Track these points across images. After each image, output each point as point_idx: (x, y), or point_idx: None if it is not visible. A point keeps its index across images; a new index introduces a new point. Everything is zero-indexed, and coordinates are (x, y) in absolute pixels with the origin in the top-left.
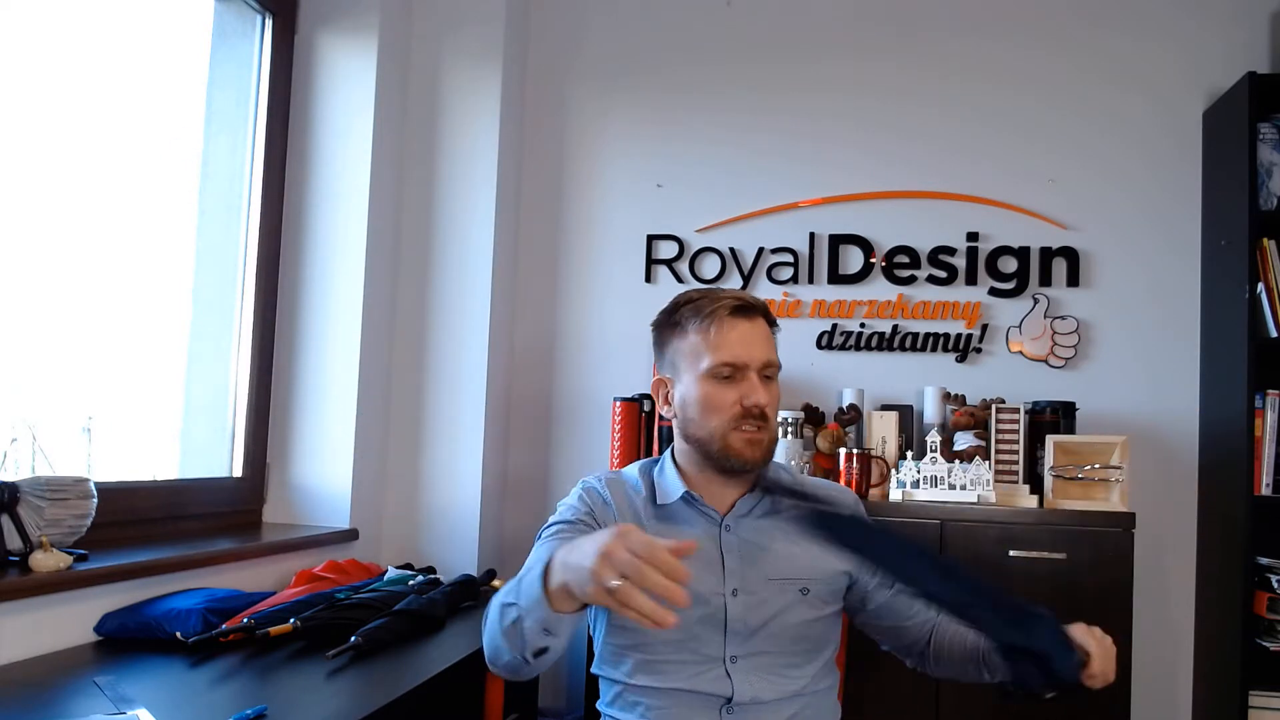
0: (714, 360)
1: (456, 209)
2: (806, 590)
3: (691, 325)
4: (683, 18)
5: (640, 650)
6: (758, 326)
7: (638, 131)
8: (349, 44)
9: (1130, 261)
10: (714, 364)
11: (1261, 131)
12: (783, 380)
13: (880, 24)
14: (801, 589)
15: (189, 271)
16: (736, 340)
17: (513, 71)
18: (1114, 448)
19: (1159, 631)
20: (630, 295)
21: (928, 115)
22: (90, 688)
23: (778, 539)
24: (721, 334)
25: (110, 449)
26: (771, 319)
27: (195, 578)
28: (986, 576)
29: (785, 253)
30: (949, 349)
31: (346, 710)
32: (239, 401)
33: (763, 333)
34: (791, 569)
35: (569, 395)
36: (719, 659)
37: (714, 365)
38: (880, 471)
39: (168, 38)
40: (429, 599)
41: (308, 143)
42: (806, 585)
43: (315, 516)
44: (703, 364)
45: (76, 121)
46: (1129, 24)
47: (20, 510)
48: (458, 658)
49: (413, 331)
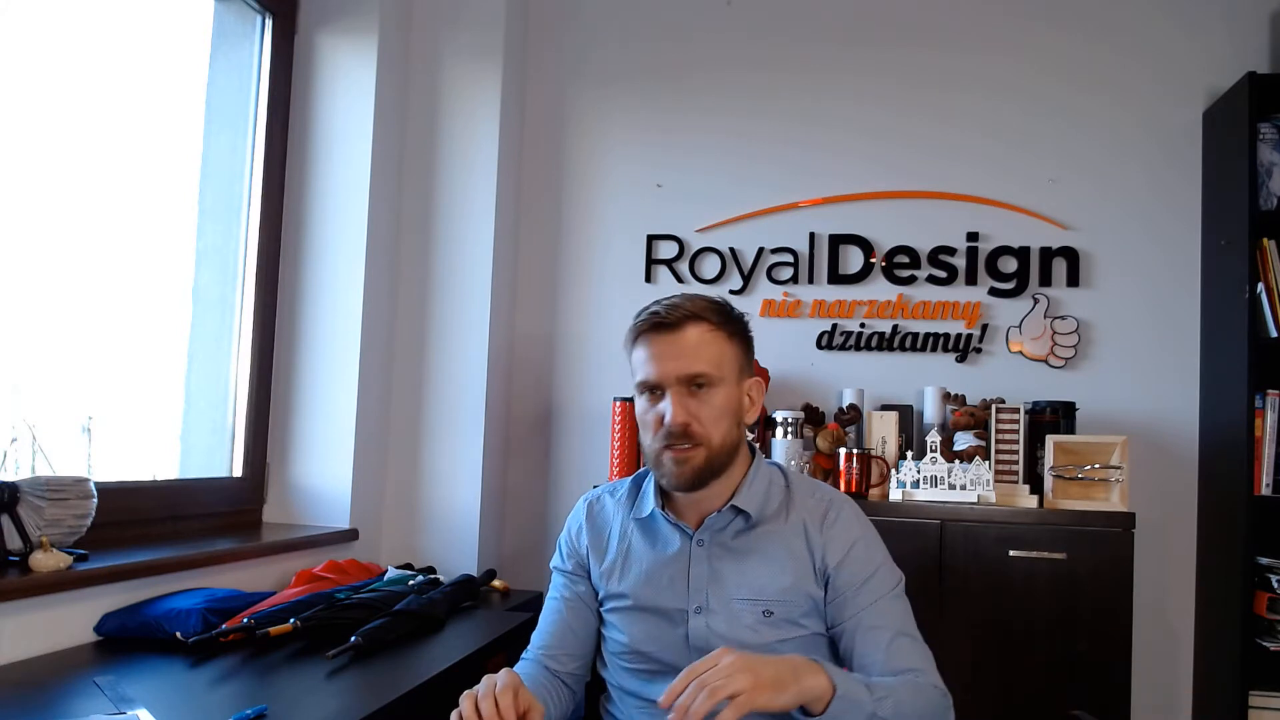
0: (636, 380)
1: (456, 209)
2: (769, 612)
3: (628, 344)
4: (683, 18)
5: (626, 659)
6: (680, 338)
7: (638, 131)
8: (349, 44)
9: (1130, 261)
10: (636, 384)
11: (1261, 131)
12: (783, 380)
13: (881, 23)
14: (764, 610)
15: (189, 271)
16: (652, 357)
17: (513, 71)
18: (1114, 448)
19: (1159, 631)
20: (630, 295)
21: (928, 115)
22: (90, 688)
23: (750, 558)
24: (640, 352)
25: (110, 449)
26: (716, 319)
27: (195, 578)
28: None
29: (785, 253)
30: (949, 349)
31: (346, 710)
32: (239, 401)
33: (686, 344)
34: (755, 589)
35: (569, 395)
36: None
37: (637, 385)
38: (880, 471)
39: (168, 38)
40: (429, 599)
41: (308, 143)
42: (770, 607)
43: (315, 516)
44: (634, 384)
45: (77, 121)
46: (1129, 24)
47: (20, 510)
48: (458, 658)
49: (413, 330)
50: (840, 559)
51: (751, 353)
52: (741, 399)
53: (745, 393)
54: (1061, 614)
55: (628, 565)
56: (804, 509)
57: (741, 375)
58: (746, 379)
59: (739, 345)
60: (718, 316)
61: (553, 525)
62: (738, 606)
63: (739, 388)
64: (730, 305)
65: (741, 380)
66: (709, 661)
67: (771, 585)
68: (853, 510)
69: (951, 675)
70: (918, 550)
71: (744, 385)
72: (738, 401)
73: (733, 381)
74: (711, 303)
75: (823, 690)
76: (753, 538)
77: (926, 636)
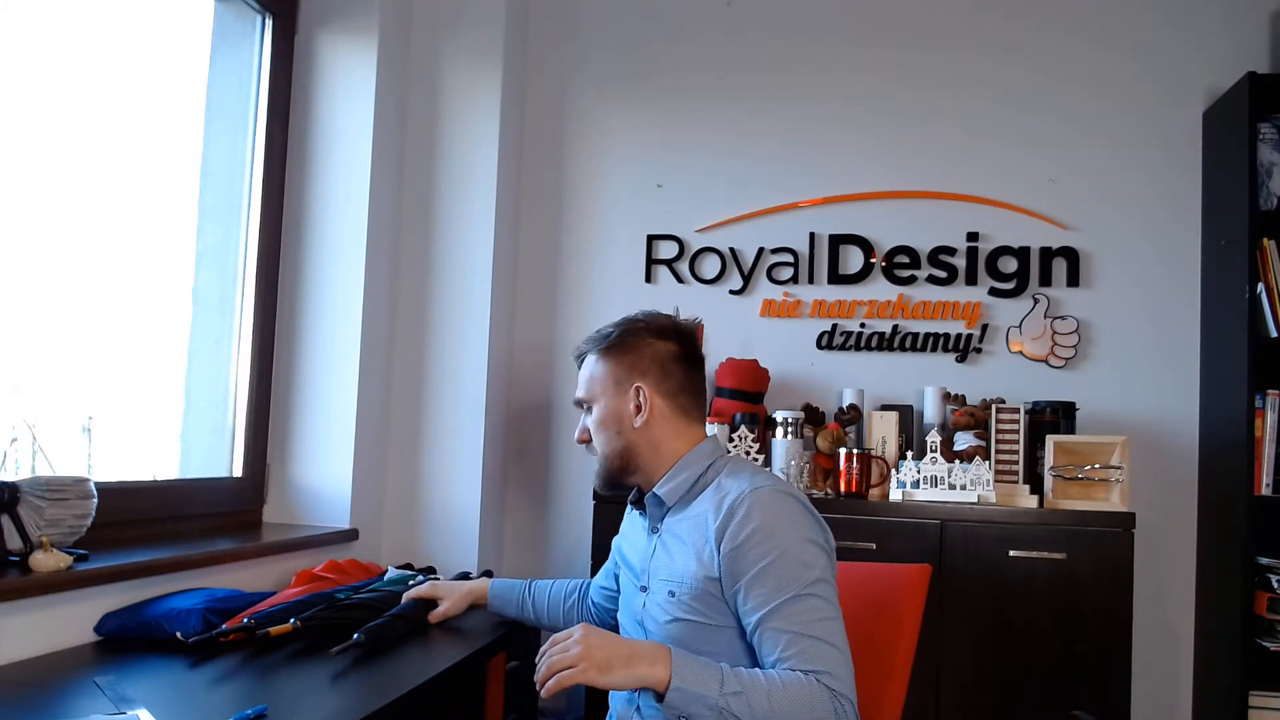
0: None
1: (456, 209)
2: (672, 593)
3: None
4: (683, 18)
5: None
6: (582, 368)
7: (638, 131)
8: (349, 44)
9: (1130, 261)
10: None
11: (1261, 131)
12: (783, 380)
13: (881, 23)
14: (669, 591)
15: (189, 271)
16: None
17: (513, 71)
18: (1114, 448)
19: (1159, 631)
20: (630, 295)
21: (928, 114)
22: (90, 688)
23: (675, 544)
24: None
25: (110, 449)
26: (588, 345)
27: (195, 578)
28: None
29: (785, 253)
30: (949, 349)
31: (346, 710)
32: (239, 401)
33: (581, 371)
34: (668, 571)
35: (569, 394)
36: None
37: None
38: (880, 471)
39: (168, 38)
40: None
41: (308, 143)
42: (673, 588)
43: (315, 516)
44: None
45: (77, 121)
46: (1129, 24)
47: (20, 510)
48: (458, 658)
49: (413, 330)
50: (733, 547)
51: (629, 362)
52: (622, 408)
53: (630, 400)
54: (1061, 614)
55: (621, 549)
56: (714, 496)
57: (618, 386)
58: (626, 388)
59: (608, 361)
60: (589, 344)
61: (553, 525)
62: (658, 585)
63: (617, 399)
64: (612, 327)
65: (619, 393)
66: (564, 635)
67: (678, 568)
68: (768, 502)
69: (952, 675)
70: (918, 550)
71: (623, 395)
72: (617, 411)
73: (608, 395)
74: (597, 332)
75: (656, 680)
76: (675, 522)
77: (927, 636)
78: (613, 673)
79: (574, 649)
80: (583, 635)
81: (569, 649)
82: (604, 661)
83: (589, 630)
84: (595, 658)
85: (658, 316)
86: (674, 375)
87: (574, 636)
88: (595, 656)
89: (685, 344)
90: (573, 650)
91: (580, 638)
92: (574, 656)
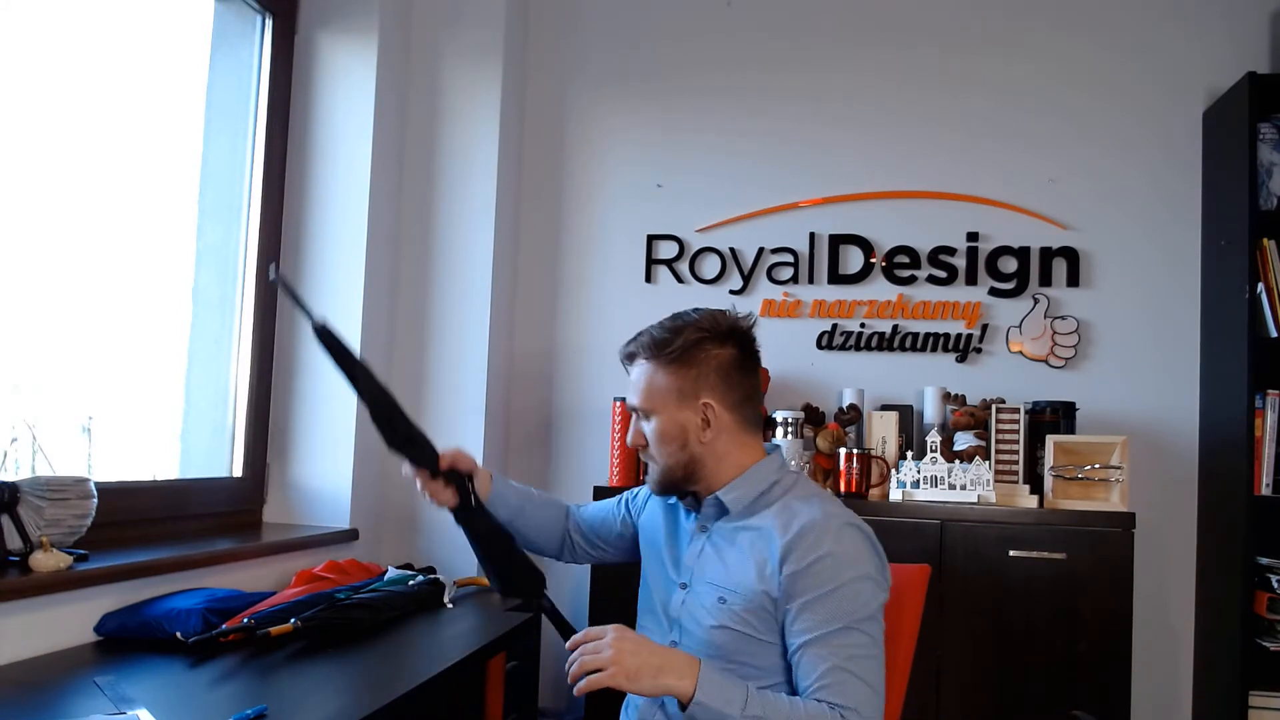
0: None
1: (456, 209)
2: (723, 600)
3: None
4: (683, 18)
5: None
6: (631, 374)
7: (638, 131)
8: (349, 44)
9: (1130, 261)
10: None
11: (1261, 131)
12: (783, 380)
13: (881, 23)
14: (720, 597)
15: (189, 271)
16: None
17: (513, 71)
18: (1114, 448)
19: (1159, 631)
20: (630, 295)
21: (927, 115)
22: (90, 688)
23: (731, 551)
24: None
25: (110, 449)
26: (646, 353)
27: (195, 578)
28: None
29: (785, 253)
30: (949, 349)
31: (346, 710)
32: (239, 401)
33: (632, 379)
34: (721, 577)
35: (569, 394)
36: (666, 642)
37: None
38: (880, 471)
39: (168, 38)
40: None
41: (308, 143)
42: (724, 595)
43: (315, 516)
44: None
45: (77, 121)
46: (1129, 24)
47: (20, 510)
48: (458, 658)
49: (412, 330)
50: (796, 569)
51: (694, 375)
52: (685, 423)
53: (697, 414)
54: (1061, 614)
55: (651, 534)
56: (781, 515)
57: (683, 399)
58: (691, 403)
59: (671, 374)
60: (645, 350)
61: None
62: (705, 589)
63: (681, 413)
64: (668, 332)
65: (683, 406)
66: (598, 632)
67: (733, 576)
68: (839, 533)
69: (952, 675)
70: (918, 550)
71: (687, 409)
72: (682, 425)
73: (670, 409)
74: (652, 337)
75: (681, 692)
76: (731, 530)
77: (927, 636)
78: (641, 681)
79: (606, 652)
80: (616, 639)
81: (601, 650)
82: (634, 670)
83: (622, 634)
84: (626, 665)
85: (716, 318)
86: (737, 386)
87: (607, 639)
88: (626, 664)
89: (745, 347)
90: (605, 653)
91: (613, 640)
92: (605, 659)
